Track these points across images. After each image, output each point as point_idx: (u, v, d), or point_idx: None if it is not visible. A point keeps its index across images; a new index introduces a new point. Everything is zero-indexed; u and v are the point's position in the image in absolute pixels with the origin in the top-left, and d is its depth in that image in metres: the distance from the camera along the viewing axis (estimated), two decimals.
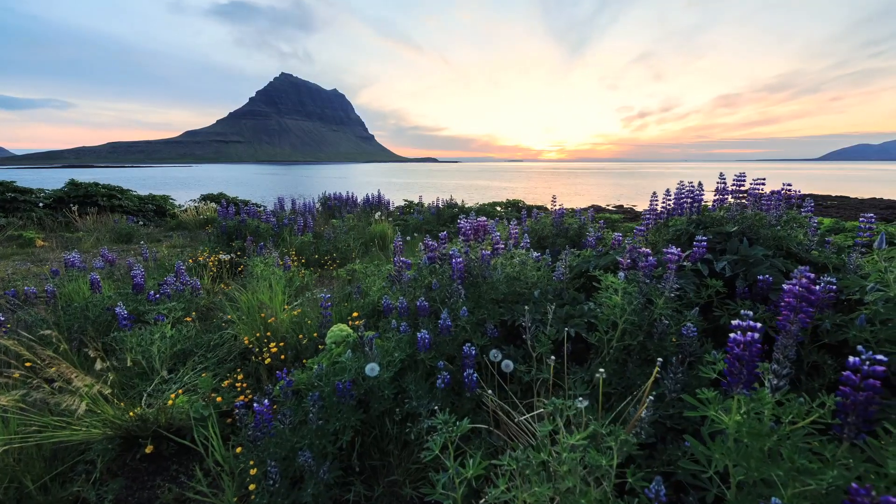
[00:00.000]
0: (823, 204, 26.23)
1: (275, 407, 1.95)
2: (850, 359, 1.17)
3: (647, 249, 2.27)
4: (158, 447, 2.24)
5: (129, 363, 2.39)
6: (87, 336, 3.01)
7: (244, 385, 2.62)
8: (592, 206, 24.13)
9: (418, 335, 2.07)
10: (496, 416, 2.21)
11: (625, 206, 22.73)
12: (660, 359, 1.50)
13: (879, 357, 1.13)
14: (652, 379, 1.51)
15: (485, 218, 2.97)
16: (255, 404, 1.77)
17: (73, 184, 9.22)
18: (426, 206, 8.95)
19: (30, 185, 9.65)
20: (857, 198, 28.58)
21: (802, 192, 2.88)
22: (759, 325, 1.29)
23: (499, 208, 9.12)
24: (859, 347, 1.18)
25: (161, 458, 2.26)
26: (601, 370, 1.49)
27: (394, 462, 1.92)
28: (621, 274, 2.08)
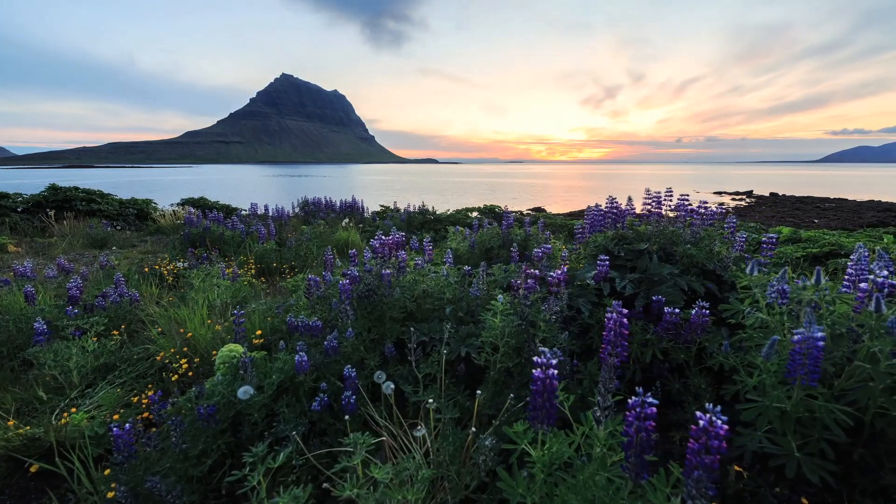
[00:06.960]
0: (822, 206, 25.98)
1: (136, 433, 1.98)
2: (630, 399, 1.17)
3: (535, 271, 2.28)
4: (52, 465, 2.27)
5: None
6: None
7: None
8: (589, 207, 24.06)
9: (296, 357, 2.09)
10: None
11: (622, 207, 22.86)
12: (469, 390, 1.50)
13: (651, 399, 1.14)
14: (476, 405, 1.51)
15: (402, 234, 2.99)
16: (114, 428, 1.79)
17: (52, 188, 9.34)
18: (401, 211, 8.97)
19: (29, 186, 9.79)
20: (855, 200, 28.30)
21: (726, 208, 2.90)
22: (555, 361, 1.30)
23: (474, 213, 9.12)
24: (638, 388, 1.18)
25: (54, 477, 2.29)
26: (430, 399, 1.50)
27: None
28: (500, 296, 2.09)
